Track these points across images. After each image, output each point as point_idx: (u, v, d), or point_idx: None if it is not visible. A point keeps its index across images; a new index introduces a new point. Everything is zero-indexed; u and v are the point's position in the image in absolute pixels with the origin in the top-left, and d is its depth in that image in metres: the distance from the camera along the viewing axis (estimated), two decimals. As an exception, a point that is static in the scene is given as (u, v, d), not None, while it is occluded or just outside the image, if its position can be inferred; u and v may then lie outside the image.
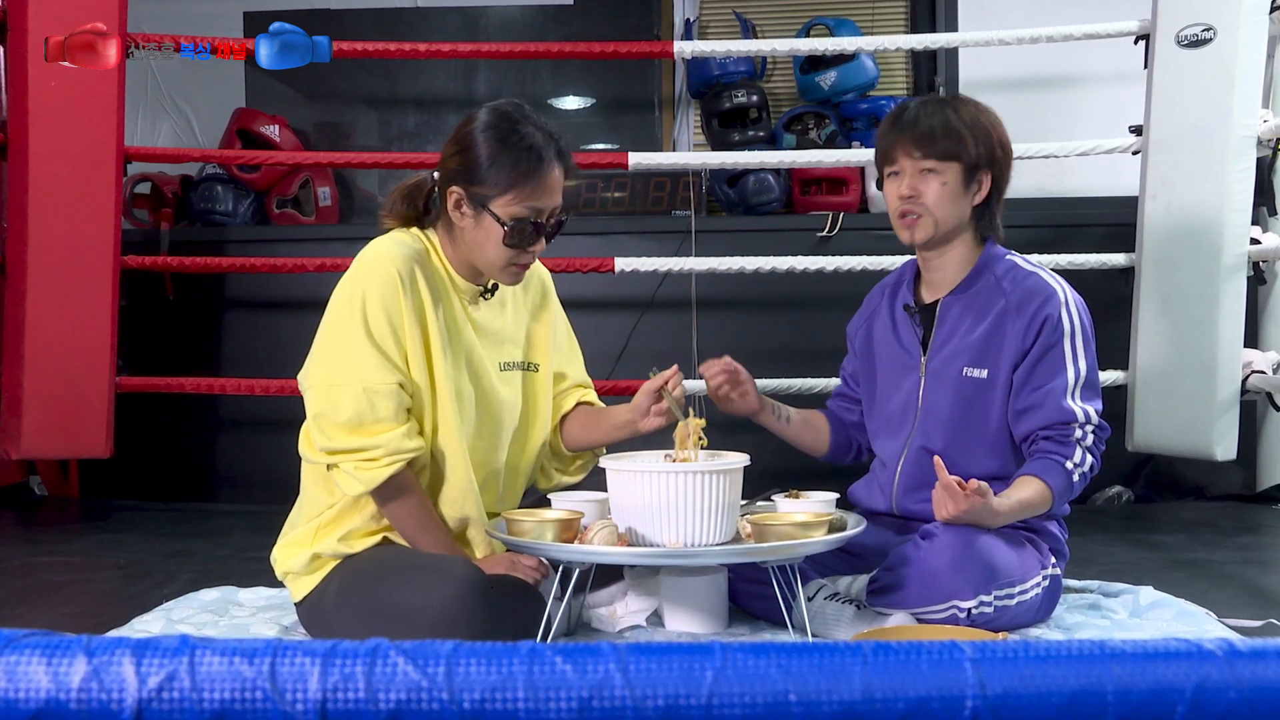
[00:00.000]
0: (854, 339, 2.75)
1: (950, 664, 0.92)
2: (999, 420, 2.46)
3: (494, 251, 2.27)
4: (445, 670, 0.90)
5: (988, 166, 2.48)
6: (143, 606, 2.69)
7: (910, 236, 2.49)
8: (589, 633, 2.46)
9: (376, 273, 2.23)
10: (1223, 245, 3.98)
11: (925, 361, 2.53)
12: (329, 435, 2.22)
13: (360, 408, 2.19)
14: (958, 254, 2.53)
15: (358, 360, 2.21)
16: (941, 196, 2.45)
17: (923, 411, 2.52)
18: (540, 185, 2.25)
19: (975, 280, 2.51)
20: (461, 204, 2.27)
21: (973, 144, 2.45)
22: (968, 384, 2.46)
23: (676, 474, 2.10)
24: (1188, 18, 4.05)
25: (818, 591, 2.40)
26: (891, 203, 2.51)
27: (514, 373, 2.45)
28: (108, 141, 4.24)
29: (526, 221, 2.25)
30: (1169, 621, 2.46)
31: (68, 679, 0.89)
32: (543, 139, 2.25)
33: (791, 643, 0.95)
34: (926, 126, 2.45)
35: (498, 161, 2.23)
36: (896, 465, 2.55)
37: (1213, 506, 4.42)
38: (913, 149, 2.45)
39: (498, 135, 2.25)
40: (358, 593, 2.23)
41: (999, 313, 2.44)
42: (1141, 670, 0.93)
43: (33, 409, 4.21)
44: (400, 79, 5.45)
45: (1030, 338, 2.41)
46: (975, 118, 2.48)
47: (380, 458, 2.20)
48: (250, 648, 0.91)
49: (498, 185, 2.24)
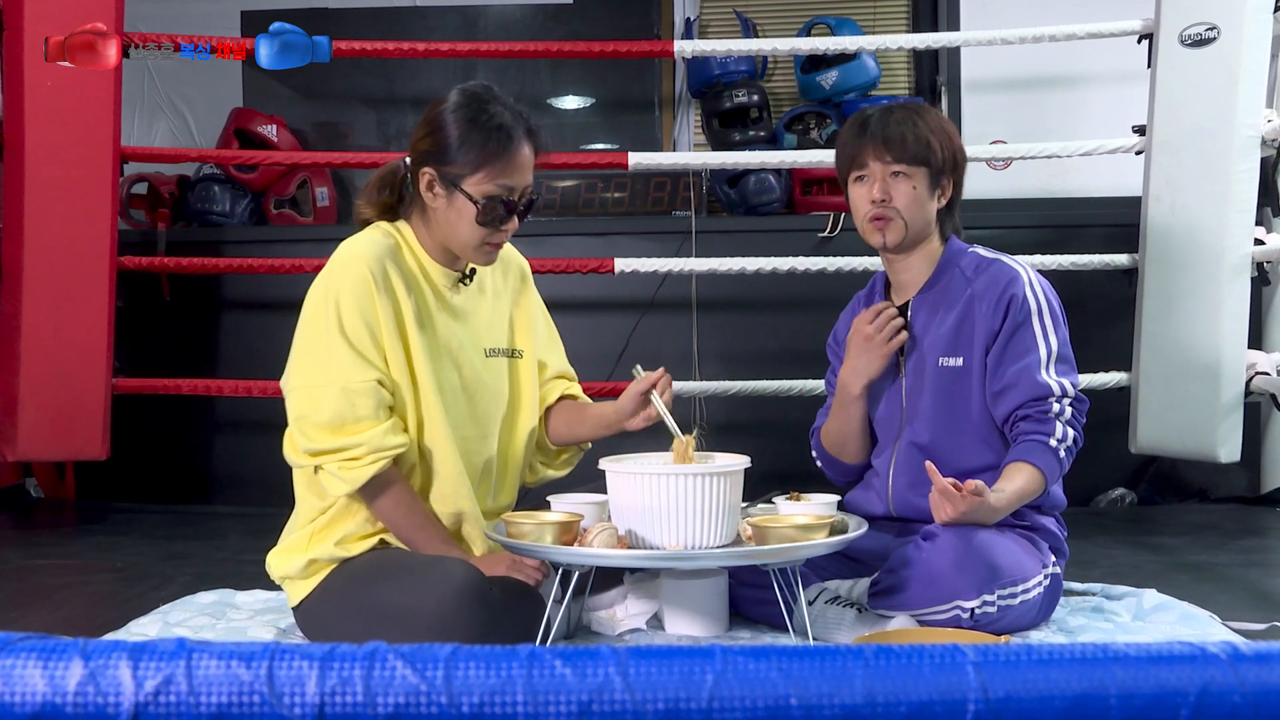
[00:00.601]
0: (834, 357, 2.77)
1: (952, 667, 0.92)
2: (980, 406, 2.49)
3: (467, 231, 2.30)
4: (444, 674, 0.90)
5: (950, 172, 2.55)
6: (139, 609, 2.69)
7: (881, 240, 2.53)
8: (589, 636, 2.46)
9: (349, 273, 2.25)
10: (1226, 246, 3.98)
11: (904, 362, 2.56)
12: (310, 437, 2.23)
13: (340, 408, 2.20)
14: (923, 254, 2.58)
15: (335, 361, 2.22)
16: (912, 200, 2.50)
17: (908, 410, 2.54)
18: (510, 163, 2.28)
19: (941, 276, 2.56)
20: (434, 185, 2.30)
21: (939, 150, 2.51)
22: (945, 374, 2.50)
23: (677, 476, 2.10)
24: (1191, 17, 4.05)
25: (819, 594, 2.40)
26: (861, 206, 2.55)
27: (499, 359, 2.47)
28: (104, 141, 4.24)
29: (498, 200, 2.28)
30: (1172, 625, 2.46)
31: (64, 683, 0.89)
32: (511, 117, 2.29)
33: (792, 646, 0.95)
34: (896, 132, 2.49)
35: (468, 141, 2.27)
36: (889, 467, 2.56)
37: (1217, 509, 4.42)
38: (884, 153, 2.49)
39: (467, 115, 2.29)
40: (355, 595, 2.23)
41: (966, 300, 2.50)
42: (1145, 674, 0.93)
43: (29, 410, 4.21)
44: (398, 78, 5.45)
45: (998, 319, 2.46)
46: (939, 124, 2.55)
47: (363, 456, 2.20)
48: (248, 651, 0.91)
49: (468, 164, 2.27)
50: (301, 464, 2.28)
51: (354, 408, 2.21)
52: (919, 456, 2.49)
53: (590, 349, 2.72)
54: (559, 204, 5.14)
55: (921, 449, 2.50)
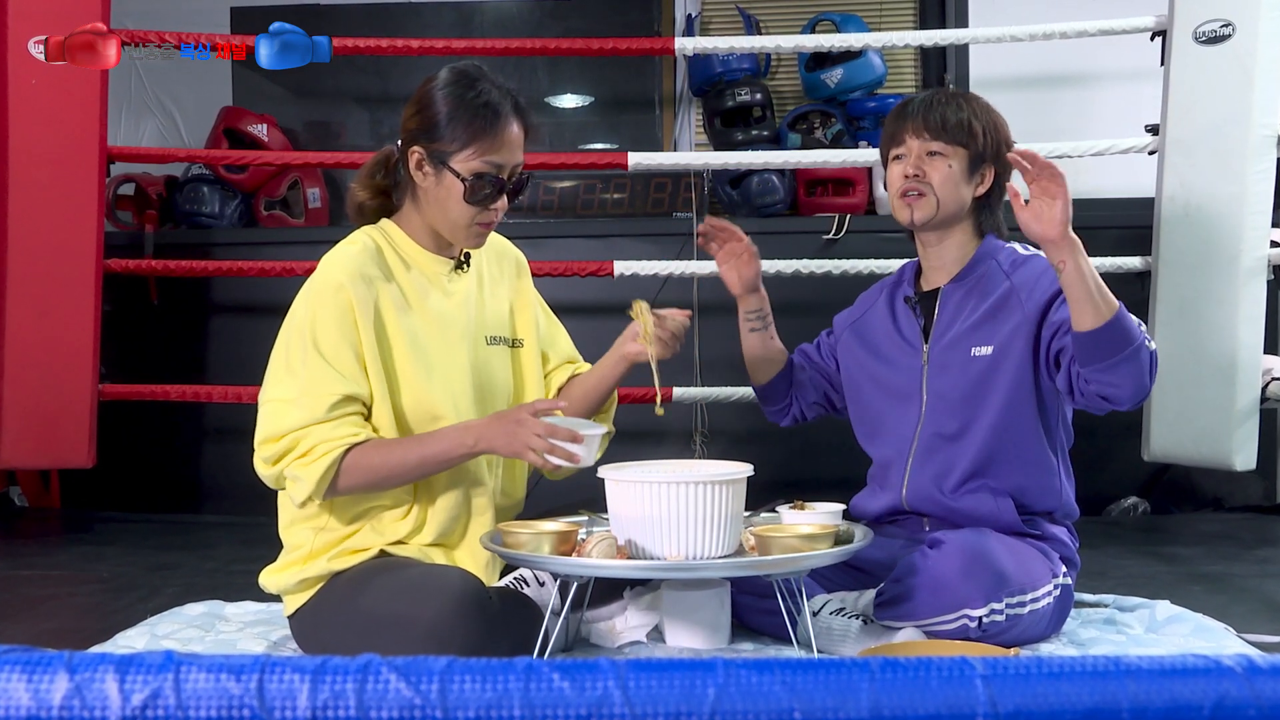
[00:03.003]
0: (841, 330, 2.78)
1: (960, 680, 0.92)
2: (1007, 397, 2.47)
3: (456, 210, 2.32)
4: (439, 687, 0.90)
5: (993, 161, 2.54)
6: (126, 621, 2.69)
7: (909, 215, 2.53)
8: (587, 648, 2.46)
9: (328, 289, 2.27)
10: (1242, 248, 3.98)
11: (928, 349, 2.55)
12: (265, 447, 2.24)
13: (303, 416, 2.21)
14: (956, 242, 2.57)
15: (310, 376, 2.23)
16: (946, 179, 2.51)
17: (929, 398, 2.54)
18: (499, 139, 2.31)
19: (976, 267, 2.56)
20: (423, 163, 2.33)
21: (981, 134, 2.52)
22: (976, 363, 2.50)
23: (678, 484, 2.10)
24: (1206, 13, 4.06)
25: (823, 606, 2.40)
26: (894, 182, 2.56)
27: (500, 347, 2.48)
28: (90, 141, 4.24)
29: (487, 177, 2.30)
30: (1186, 637, 2.46)
31: (49, 696, 0.89)
32: (499, 95, 2.32)
33: (796, 659, 0.95)
34: (938, 112, 2.51)
35: (455, 117, 2.30)
36: (908, 454, 2.56)
37: (1231, 518, 4.42)
38: (922, 130, 2.51)
39: (455, 92, 2.32)
40: (351, 604, 2.23)
41: (1003, 293, 2.49)
42: (1158, 687, 0.93)
43: (12, 418, 4.21)
44: (392, 76, 5.45)
45: (1042, 306, 2.42)
46: (985, 112, 2.55)
47: (313, 447, 2.20)
48: (238, 664, 0.91)
49: (456, 140, 2.30)
50: (266, 475, 2.27)
51: (313, 414, 2.21)
52: (942, 447, 2.49)
53: (589, 353, 2.72)
54: (557, 205, 5.14)
55: (946, 439, 2.50)
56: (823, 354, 2.82)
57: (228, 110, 5.16)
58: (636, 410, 4.51)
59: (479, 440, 2.24)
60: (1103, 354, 2.25)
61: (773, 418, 2.87)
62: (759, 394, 2.84)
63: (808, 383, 2.80)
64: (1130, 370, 2.26)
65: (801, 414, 2.83)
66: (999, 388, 2.47)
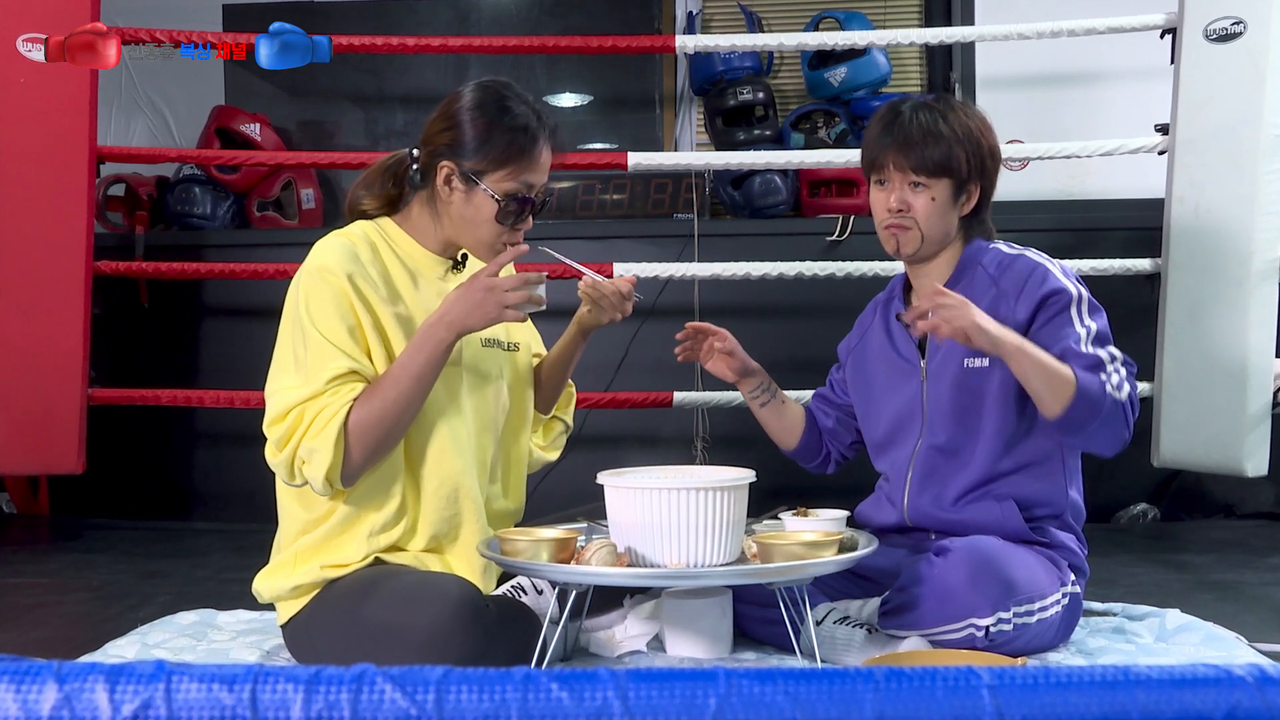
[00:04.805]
0: (845, 359, 2.80)
1: (967, 690, 0.92)
2: (1002, 407, 2.47)
3: (485, 228, 2.36)
4: (435, 697, 0.90)
5: (977, 178, 2.54)
6: (116, 630, 2.69)
7: (896, 248, 2.55)
8: (587, 658, 2.46)
9: (323, 272, 2.27)
10: (1253, 250, 3.98)
11: (925, 365, 2.56)
12: (273, 429, 2.25)
13: (303, 393, 2.22)
14: (944, 260, 2.59)
15: (312, 359, 2.23)
16: (931, 212, 2.50)
17: (929, 412, 2.54)
18: (533, 162, 2.35)
19: (962, 276, 2.55)
20: (452, 179, 2.35)
21: (963, 157, 2.49)
22: (970, 375, 2.50)
23: (678, 491, 2.10)
24: (1216, 10, 4.06)
25: (827, 614, 2.40)
26: (879, 212, 2.57)
27: (495, 350, 2.49)
28: (80, 141, 4.24)
29: (519, 198, 2.34)
30: (1197, 646, 2.46)
31: (38, 707, 0.89)
32: (534, 117, 2.36)
33: (799, 669, 0.95)
34: (919, 139, 2.48)
35: (491, 139, 2.33)
36: (907, 470, 2.56)
37: (1243, 525, 4.42)
38: (903, 161, 2.49)
39: (490, 114, 2.34)
40: (346, 612, 2.23)
41: (991, 300, 2.48)
42: (1168, 698, 0.93)
43: (0, 422, 4.20)
44: (387, 75, 5.46)
45: (1029, 312, 2.43)
46: (966, 127, 2.51)
47: (317, 415, 2.20)
48: (230, 674, 0.91)
49: (492, 161, 2.33)
50: (277, 461, 2.26)
51: (313, 389, 2.21)
52: (938, 460, 2.50)
53: (589, 357, 2.73)
54: (555, 206, 5.15)
55: (939, 451, 2.51)
56: (837, 391, 2.83)
57: (220, 109, 5.17)
58: (637, 416, 4.52)
59: (452, 325, 2.26)
60: (1075, 428, 2.35)
61: (816, 470, 2.90)
62: (793, 457, 2.87)
63: (836, 426, 2.81)
64: (1107, 433, 2.37)
65: (842, 456, 2.85)
66: (997, 397, 2.48)
